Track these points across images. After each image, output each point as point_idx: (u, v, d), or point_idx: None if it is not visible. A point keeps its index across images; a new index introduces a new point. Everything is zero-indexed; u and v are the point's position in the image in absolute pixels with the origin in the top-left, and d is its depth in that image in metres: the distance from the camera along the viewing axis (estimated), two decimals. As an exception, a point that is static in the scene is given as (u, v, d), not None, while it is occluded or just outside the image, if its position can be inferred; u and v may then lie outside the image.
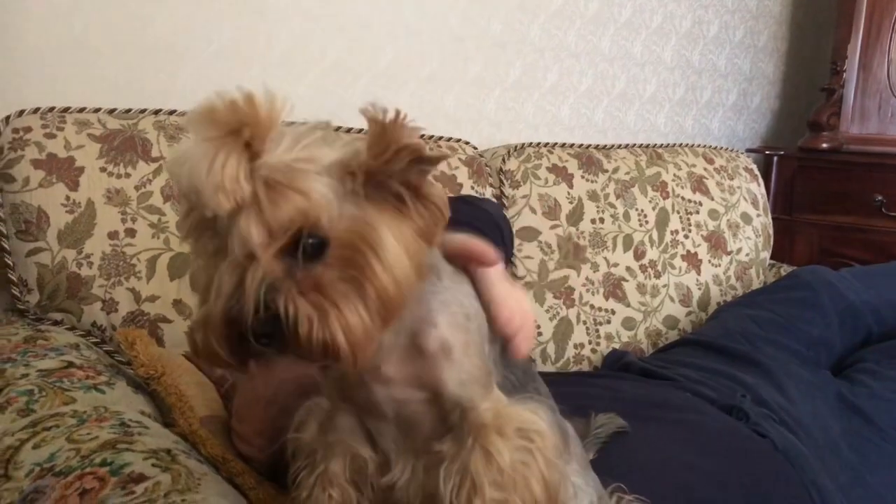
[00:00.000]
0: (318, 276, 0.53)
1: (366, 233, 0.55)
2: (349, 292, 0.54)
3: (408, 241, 0.57)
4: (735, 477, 1.11)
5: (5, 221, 1.12)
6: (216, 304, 0.53)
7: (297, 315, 0.52)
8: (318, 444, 0.73)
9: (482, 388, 0.68)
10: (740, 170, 2.05)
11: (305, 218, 0.53)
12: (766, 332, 1.60)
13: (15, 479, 0.75)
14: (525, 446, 0.66)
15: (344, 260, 0.54)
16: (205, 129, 0.52)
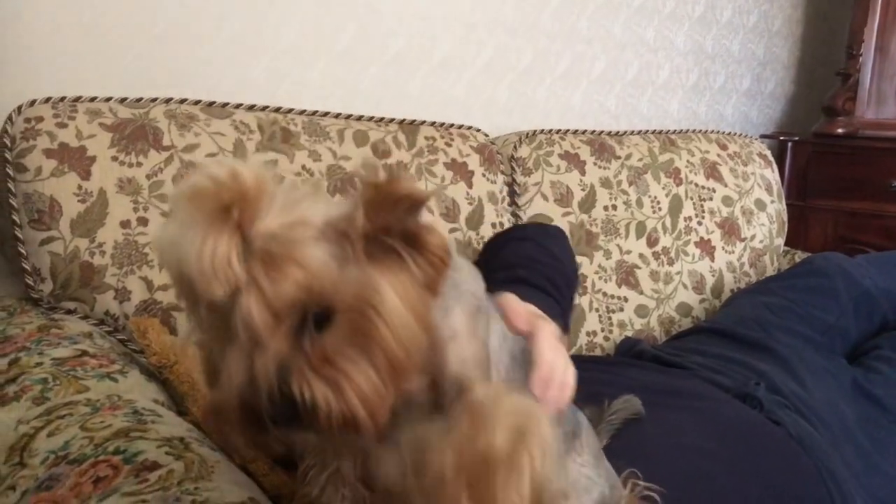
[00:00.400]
0: (327, 347, 0.52)
1: (369, 296, 0.53)
2: (359, 360, 0.53)
3: (412, 297, 0.55)
4: (749, 464, 1.10)
5: (18, 211, 1.13)
6: (229, 394, 0.51)
7: (314, 396, 0.51)
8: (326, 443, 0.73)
9: (481, 373, 0.67)
10: (754, 156, 2.03)
11: (309, 291, 0.51)
12: (781, 319, 1.58)
13: (30, 466, 0.76)
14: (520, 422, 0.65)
15: (351, 327, 0.53)
16: (191, 212, 0.50)
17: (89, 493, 0.69)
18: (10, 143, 1.13)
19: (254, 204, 0.50)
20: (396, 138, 1.49)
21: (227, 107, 1.35)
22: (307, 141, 1.37)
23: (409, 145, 1.49)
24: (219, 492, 0.69)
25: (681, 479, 0.97)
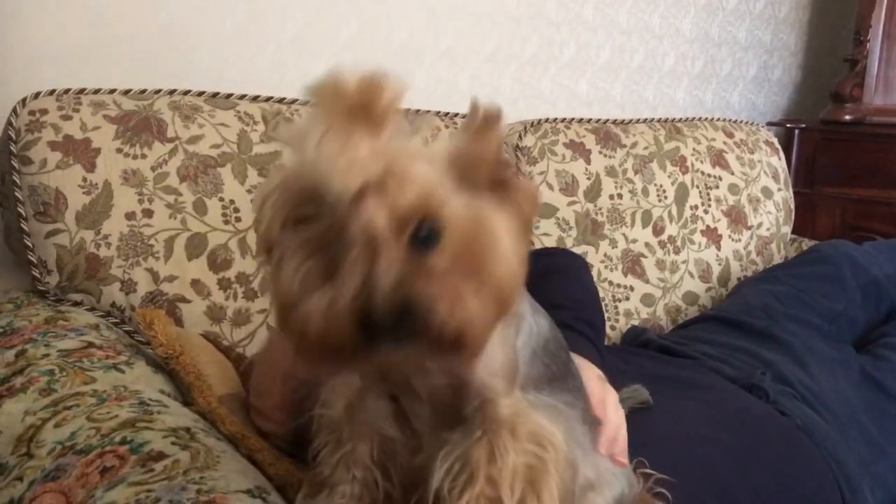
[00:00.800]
0: (440, 264, 0.52)
1: (483, 222, 0.54)
2: (471, 281, 0.53)
3: (514, 231, 0.56)
4: (756, 454, 1.10)
5: (24, 203, 1.13)
6: (342, 295, 0.50)
7: (434, 306, 0.50)
8: (344, 423, 0.73)
9: (506, 383, 0.67)
10: (761, 143, 2.02)
11: (428, 204, 0.52)
12: (787, 307, 1.58)
13: (37, 457, 0.76)
14: (537, 453, 0.65)
15: (462, 249, 0.53)
16: (334, 105, 0.51)
17: (96, 483, 0.70)
18: (15, 136, 1.13)
19: (389, 111, 0.52)
20: (401, 128, 1.48)
21: (231, 98, 1.35)
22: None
23: (414, 135, 1.49)
24: (224, 481, 0.69)
25: (687, 468, 0.97)
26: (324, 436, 0.75)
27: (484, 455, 0.64)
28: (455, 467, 0.65)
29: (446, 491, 0.65)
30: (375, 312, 0.49)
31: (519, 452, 0.64)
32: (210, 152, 1.26)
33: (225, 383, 1.02)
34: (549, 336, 0.75)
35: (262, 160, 1.30)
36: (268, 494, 0.72)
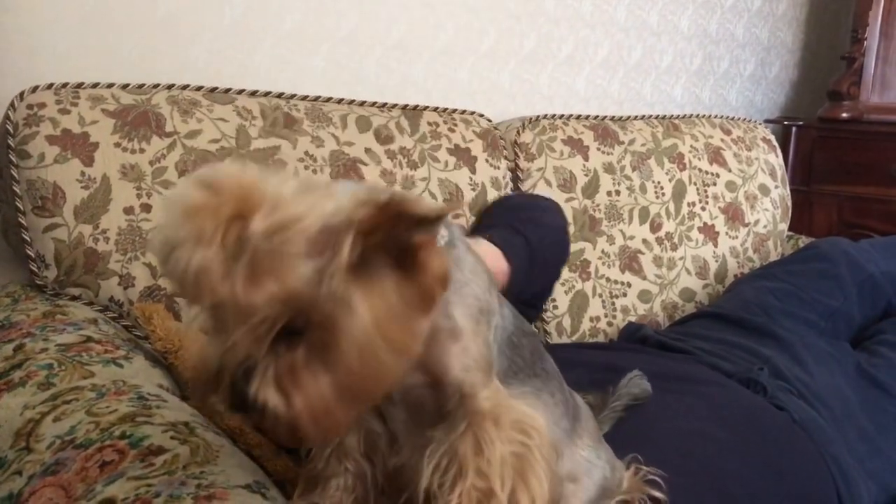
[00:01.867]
0: (295, 357, 0.54)
1: (339, 315, 0.53)
2: (320, 376, 0.55)
3: (391, 317, 0.55)
4: (752, 449, 1.10)
5: (21, 198, 1.13)
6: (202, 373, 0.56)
7: (266, 401, 0.54)
8: None
9: (484, 375, 0.68)
10: (758, 140, 2.02)
11: (285, 305, 0.52)
12: (784, 304, 1.58)
13: (36, 451, 0.76)
14: (522, 441, 0.66)
15: (320, 341, 0.54)
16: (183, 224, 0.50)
17: (95, 478, 0.70)
18: (13, 130, 1.13)
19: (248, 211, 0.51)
20: (399, 124, 1.48)
21: (229, 92, 1.35)
22: (310, 126, 1.37)
23: (412, 131, 1.49)
24: (224, 475, 0.69)
25: (684, 463, 0.97)
26: None
27: (470, 448, 0.65)
28: (443, 463, 0.66)
29: (436, 487, 0.66)
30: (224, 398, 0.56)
31: (504, 442, 0.65)
32: (209, 147, 1.26)
33: (224, 378, 1.02)
34: (511, 328, 0.76)
35: (261, 155, 1.30)
36: (267, 489, 0.72)
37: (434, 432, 0.67)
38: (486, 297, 0.70)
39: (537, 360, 0.79)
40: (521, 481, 0.65)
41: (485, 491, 0.64)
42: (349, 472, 0.73)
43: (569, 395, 0.84)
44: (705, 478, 1.01)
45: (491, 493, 0.64)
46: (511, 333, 0.75)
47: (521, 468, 0.65)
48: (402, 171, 1.44)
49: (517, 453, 0.66)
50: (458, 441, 0.66)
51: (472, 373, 0.67)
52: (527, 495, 0.65)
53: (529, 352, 0.78)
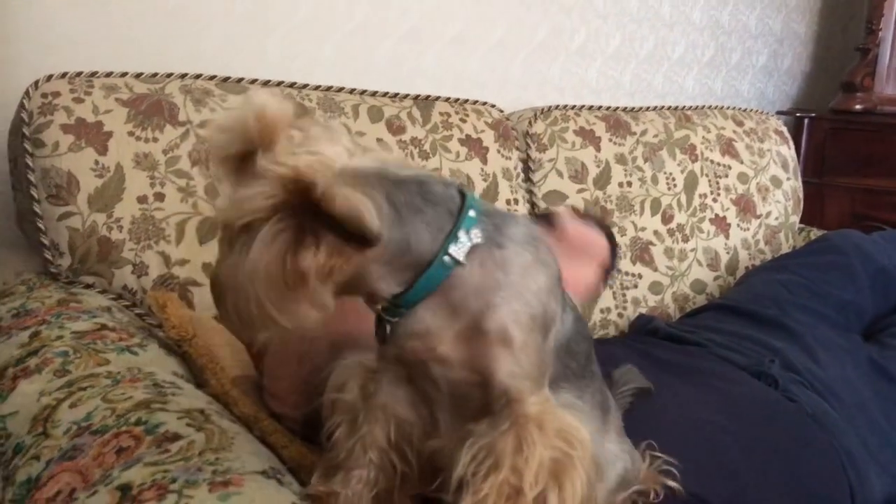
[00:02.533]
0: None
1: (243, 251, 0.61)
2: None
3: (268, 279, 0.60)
4: (764, 440, 1.10)
5: (36, 186, 1.13)
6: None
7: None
8: (359, 407, 0.74)
9: (533, 384, 0.68)
10: (770, 132, 2.01)
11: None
12: (796, 296, 1.58)
13: (53, 436, 0.77)
14: (563, 449, 0.67)
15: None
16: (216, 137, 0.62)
17: (112, 463, 0.70)
18: (28, 119, 1.14)
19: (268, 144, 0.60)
20: (411, 114, 1.48)
21: (241, 82, 1.35)
22: (322, 117, 1.37)
23: (424, 121, 1.49)
24: (239, 462, 0.69)
25: (695, 452, 0.97)
26: (338, 419, 0.75)
27: (511, 446, 0.65)
28: (480, 455, 0.66)
29: (469, 475, 0.66)
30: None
31: (546, 447, 0.65)
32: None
33: (238, 365, 1.03)
34: (571, 334, 0.75)
35: (273, 145, 1.30)
36: (282, 476, 0.72)
37: (477, 426, 0.68)
38: (537, 300, 0.69)
39: (588, 364, 0.80)
40: (555, 486, 0.65)
41: (516, 488, 0.64)
42: (373, 463, 0.73)
43: (605, 393, 0.84)
44: (717, 468, 1.00)
45: (520, 492, 0.64)
46: (570, 340, 0.75)
47: (557, 473, 0.66)
48: (414, 162, 1.44)
49: (556, 459, 0.66)
50: (500, 438, 0.66)
51: (520, 380, 0.67)
52: (557, 498, 0.65)
53: (584, 357, 0.78)
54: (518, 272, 0.68)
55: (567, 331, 0.74)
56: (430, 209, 0.65)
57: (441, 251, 0.65)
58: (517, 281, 0.67)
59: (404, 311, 0.68)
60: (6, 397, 0.85)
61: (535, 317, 0.68)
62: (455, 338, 0.67)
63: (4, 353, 0.95)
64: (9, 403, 0.85)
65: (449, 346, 0.67)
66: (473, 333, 0.66)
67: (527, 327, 0.67)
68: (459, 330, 0.67)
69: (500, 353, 0.66)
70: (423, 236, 0.65)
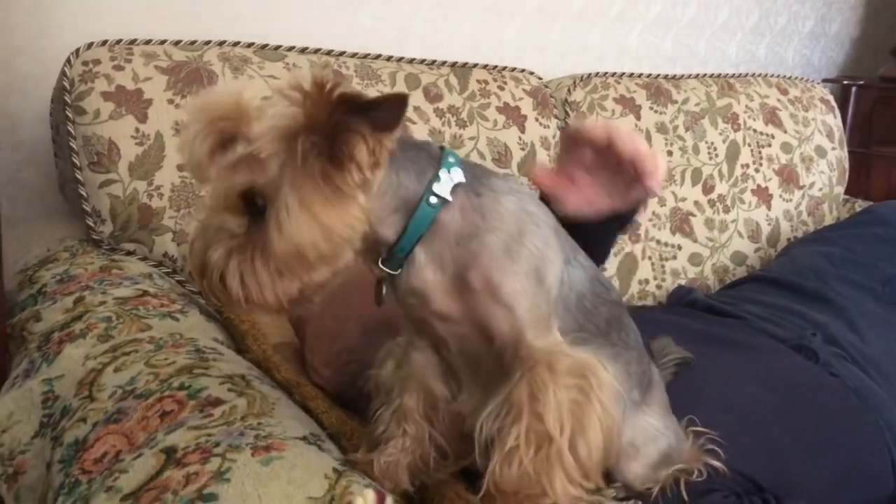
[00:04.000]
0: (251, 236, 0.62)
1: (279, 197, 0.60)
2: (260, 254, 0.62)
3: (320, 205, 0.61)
4: (805, 414, 1.09)
5: (78, 153, 1.14)
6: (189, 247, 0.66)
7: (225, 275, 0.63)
8: (394, 381, 0.75)
9: (535, 330, 0.67)
10: (816, 101, 1.96)
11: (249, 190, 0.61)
12: (839, 268, 1.54)
13: (99, 400, 0.78)
14: (580, 386, 0.66)
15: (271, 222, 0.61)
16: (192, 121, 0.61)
17: (156, 427, 0.71)
18: (69, 86, 1.15)
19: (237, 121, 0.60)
20: (448, 81, 1.47)
21: (279, 49, 1.35)
22: (359, 84, 1.36)
23: (461, 89, 1.47)
24: (281, 427, 0.70)
25: (737, 427, 0.96)
26: (381, 396, 0.76)
27: (525, 394, 0.65)
28: (500, 412, 0.66)
29: (495, 432, 0.66)
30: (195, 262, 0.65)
31: (560, 387, 0.65)
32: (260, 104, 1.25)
33: (278, 333, 1.04)
34: (584, 292, 0.74)
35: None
36: (322, 442, 0.73)
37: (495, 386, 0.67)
38: (525, 247, 0.68)
39: (614, 330, 0.78)
40: (579, 426, 0.65)
41: (542, 434, 0.64)
42: (407, 434, 0.74)
43: (647, 367, 0.83)
44: (757, 441, 0.99)
45: (549, 438, 0.64)
46: (582, 297, 0.73)
47: (578, 413, 0.65)
48: (451, 130, 1.42)
49: (574, 399, 0.65)
50: (514, 389, 0.66)
51: (520, 328, 0.67)
52: (583, 441, 0.65)
53: (605, 320, 0.76)
54: (496, 218, 0.67)
55: (576, 285, 0.73)
56: (412, 152, 0.67)
57: (425, 192, 0.65)
58: (496, 226, 0.67)
59: (402, 264, 0.68)
60: (53, 361, 0.87)
61: (518, 261, 0.67)
62: (445, 292, 0.67)
63: (49, 317, 0.97)
64: (55, 367, 0.86)
65: (442, 302, 0.67)
66: (461, 285, 0.66)
67: (511, 273, 0.66)
68: (448, 283, 0.67)
69: (488, 303, 0.66)
70: (410, 178, 0.66)
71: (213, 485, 0.60)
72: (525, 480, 0.64)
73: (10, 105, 1.33)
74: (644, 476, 0.80)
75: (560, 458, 0.64)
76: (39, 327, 0.96)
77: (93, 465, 0.70)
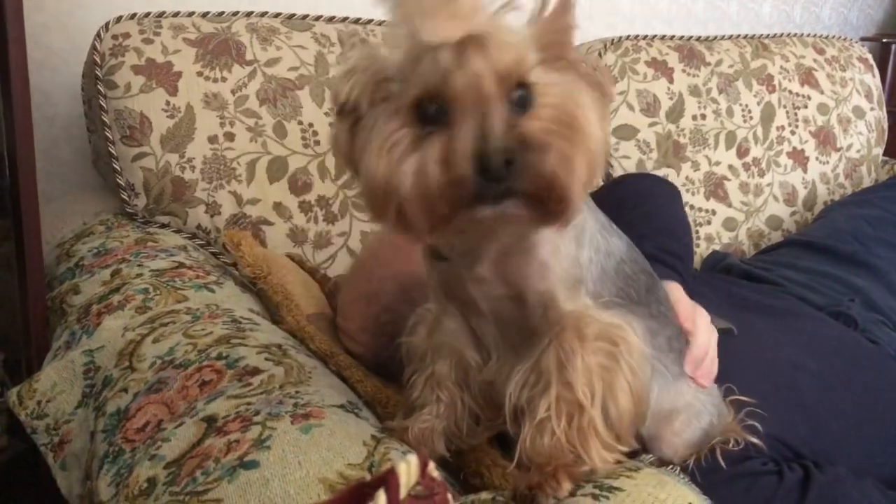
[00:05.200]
0: (535, 125, 0.53)
1: (570, 91, 0.56)
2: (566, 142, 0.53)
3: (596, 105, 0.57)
4: (844, 381, 1.07)
5: (110, 127, 1.15)
6: (462, 139, 0.51)
7: (546, 146, 0.52)
8: (427, 347, 0.74)
9: (567, 290, 0.66)
10: (853, 60, 1.90)
11: (523, 67, 0.54)
12: (879, 231, 1.51)
13: (139, 370, 0.79)
14: (608, 350, 0.65)
15: (554, 114, 0.54)
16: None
17: (196, 396, 0.72)
18: (100, 60, 1.15)
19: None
20: (477, 48, 1.45)
21: (306, 19, 1.34)
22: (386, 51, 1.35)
23: (491, 55, 1.45)
24: (319, 395, 0.71)
25: (774, 393, 0.95)
26: (414, 363, 0.76)
27: (554, 361, 0.64)
28: (530, 379, 0.66)
29: (525, 402, 0.65)
30: (493, 154, 0.50)
31: (589, 353, 0.64)
32: (288, 75, 1.25)
33: (312, 303, 1.04)
34: (623, 258, 0.73)
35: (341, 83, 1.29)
36: (359, 410, 0.73)
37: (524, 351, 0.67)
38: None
39: (653, 301, 0.77)
40: (609, 392, 0.64)
41: (572, 402, 0.63)
42: (441, 401, 0.74)
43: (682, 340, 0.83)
44: (796, 408, 0.98)
45: (580, 406, 0.63)
46: (622, 262, 0.73)
47: (608, 379, 0.64)
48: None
49: (602, 364, 0.64)
50: (542, 356, 0.65)
51: (552, 287, 0.66)
52: (614, 406, 0.65)
53: (645, 288, 0.76)
54: None
55: (615, 251, 0.72)
56: None
57: None
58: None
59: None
60: (93, 332, 0.89)
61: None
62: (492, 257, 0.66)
63: (88, 290, 0.98)
64: (95, 338, 0.88)
65: (486, 267, 0.66)
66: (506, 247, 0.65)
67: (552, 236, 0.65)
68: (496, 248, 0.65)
69: (527, 261, 0.65)
70: None
71: (253, 452, 0.60)
72: (558, 451, 0.63)
73: (44, 80, 1.34)
74: (684, 454, 0.80)
75: (593, 426, 0.64)
76: (78, 300, 0.97)
77: (135, 434, 0.71)
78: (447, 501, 0.39)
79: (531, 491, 0.61)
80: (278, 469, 0.58)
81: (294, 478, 0.58)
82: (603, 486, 0.61)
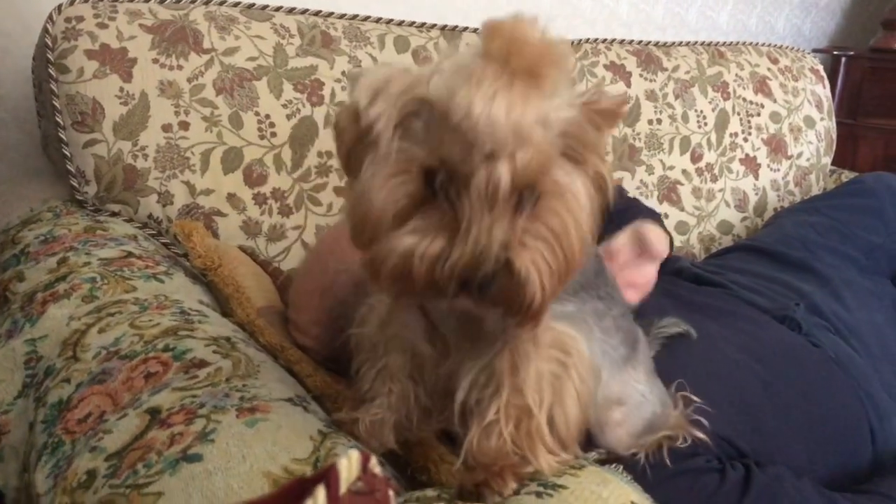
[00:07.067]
0: (529, 228, 0.54)
1: (573, 196, 0.56)
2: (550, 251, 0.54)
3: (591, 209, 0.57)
4: (787, 382, 1.10)
5: (61, 112, 1.13)
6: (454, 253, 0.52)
7: (531, 274, 0.53)
8: (378, 339, 0.74)
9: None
10: (806, 71, 1.95)
11: (542, 175, 0.54)
12: (825, 238, 1.55)
13: (83, 360, 0.78)
14: (560, 359, 0.66)
15: (551, 227, 0.55)
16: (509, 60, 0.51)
17: (141, 388, 0.71)
18: (52, 44, 1.12)
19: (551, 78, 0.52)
20: (438, 45, 1.45)
21: (266, 9, 1.32)
22: (347, 46, 1.34)
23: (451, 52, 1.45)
24: (266, 389, 0.70)
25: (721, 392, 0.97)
26: (362, 353, 0.76)
27: (507, 365, 0.65)
28: (480, 379, 0.66)
29: (473, 402, 0.66)
30: (479, 277, 0.52)
31: (542, 360, 0.65)
32: (246, 65, 1.24)
33: (263, 296, 1.03)
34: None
35: (298, 74, 1.28)
36: (308, 403, 0.73)
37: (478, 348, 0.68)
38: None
39: (602, 284, 0.79)
40: (558, 399, 0.66)
41: (522, 408, 0.64)
42: (393, 392, 0.74)
43: (632, 324, 0.83)
44: (739, 408, 1.00)
45: (528, 411, 0.64)
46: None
47: (557, 386, 0.66)
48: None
49: (554, 372, 0.66)
50: (496, 358, 0.66)
51: None
52: (561, 413, 0.66)
53: (594, 272, 0.77)
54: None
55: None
56: None
57: None
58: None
59: None
60: (36, 321, 0.87)
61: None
62: None
63: (33, 277, 0.96)
64: (39, 327, 0.86)
65: None
66: None
67: None
68: None
69: None
70: None
71: (197, 445, 0.60)
72: (504, 453, 0.65)
73: (-9, 62, 1.31)
74: (628, 443, 0.81)
75: (539, 431, 0.65)
76: (22, 287, 0.95)
77: (77, 426, 0.70)
78: (388, 497, 0.39)
79: (477, 488, 0.62)
80: (222, 462, 0.58)
81: (238, 472, 0.57)
82: (547, 484, 0.62)
